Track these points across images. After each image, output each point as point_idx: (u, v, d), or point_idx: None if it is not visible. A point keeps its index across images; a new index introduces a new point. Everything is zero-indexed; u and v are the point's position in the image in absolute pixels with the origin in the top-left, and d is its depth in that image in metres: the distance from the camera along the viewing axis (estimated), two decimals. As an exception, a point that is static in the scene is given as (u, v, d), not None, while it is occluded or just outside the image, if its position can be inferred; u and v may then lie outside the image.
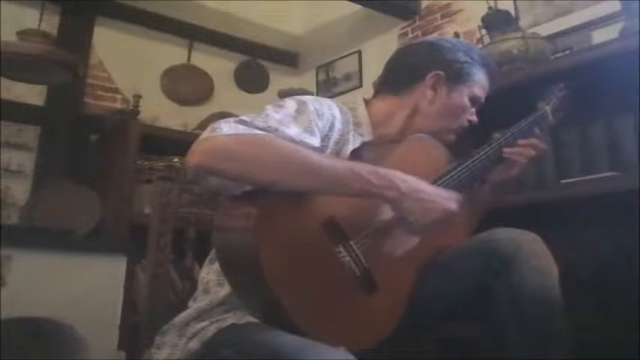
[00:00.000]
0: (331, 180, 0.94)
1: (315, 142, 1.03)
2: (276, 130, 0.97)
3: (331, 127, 1.09)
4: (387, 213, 1.04)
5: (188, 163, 0.93)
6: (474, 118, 1.24)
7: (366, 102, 1.23)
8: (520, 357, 0.97)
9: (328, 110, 1.09)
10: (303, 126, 1.02)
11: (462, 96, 1.21)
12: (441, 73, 1.19)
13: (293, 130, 0.99)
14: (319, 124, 1.05)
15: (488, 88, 1.25)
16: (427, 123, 1.20)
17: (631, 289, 1.58)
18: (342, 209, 0.99)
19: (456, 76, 1.20)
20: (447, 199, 1.01)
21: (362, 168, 0.96)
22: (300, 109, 1.04)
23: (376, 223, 1.04)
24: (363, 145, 1.14)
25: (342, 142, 1.11)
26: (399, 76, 1.24)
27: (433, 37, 2.67)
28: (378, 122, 1.19)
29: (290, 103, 1.05)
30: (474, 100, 1.22)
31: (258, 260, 0.88)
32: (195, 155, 0.92)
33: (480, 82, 1.22)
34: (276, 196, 0.93)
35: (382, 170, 0.98)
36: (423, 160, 1.17)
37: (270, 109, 1.02)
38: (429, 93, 1.20)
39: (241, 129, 0.95)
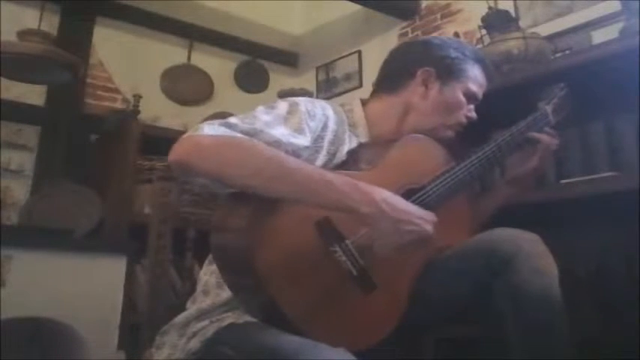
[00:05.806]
0: (305, 189, 0.92)
1: (305, 141, 1.03)
2: (261, 131, 0.97)
3: (324, 128, 1.09)
4: None
5: (168, 160, 0.93)
6: (473, 114, 1.24)
7: (363, 103, 1.23)
8: (520, 357, 0.97)
9: (321, 111, 1.09)
10: (293, 126, 1.02)
11: (456, 92, 1.20)
12: (431, 69, 1.20)
13: (280, 131, 0.99)
14: (311, 125, 1.05)
15: (485, 84, 1.25)
16: (421, 120, 1.20)
17: (631, 289, 1.58)
18: None
19: (448, 72, 1.20)
20: (425, 221, 0.97)
21: (341, 180, 0.94)
22: (292, 110, 1.04)
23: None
24: (360, 146, 1.14)
25: (337, 142, 1.11)
26: (392, 76, 1.24)
27: (426, 36, 2.66)
28: (374, 122, 1.19)
29: (282, 105, 1.06)
30: (469, 96, 1.22)
31: (252, 261, 0.88)
32: (174, 152, 0.92)
33: (474, 78, 1.22)
34: None
35: (363, 185, 0.94)
36: (419, 160, 1.17)
37: (260, 111, 1.03)
38: (420, 89, 1.20)
39: (223, 131, 0.95)
